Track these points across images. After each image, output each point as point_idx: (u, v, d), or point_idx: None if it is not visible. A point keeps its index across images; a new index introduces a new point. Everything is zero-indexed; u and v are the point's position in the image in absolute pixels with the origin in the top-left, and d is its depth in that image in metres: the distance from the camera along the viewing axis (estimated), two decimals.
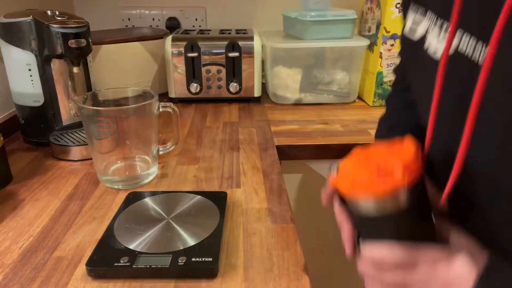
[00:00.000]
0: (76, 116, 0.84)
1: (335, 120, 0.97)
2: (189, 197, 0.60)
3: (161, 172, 0.71)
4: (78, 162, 0.76)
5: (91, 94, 0.69)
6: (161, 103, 0.67)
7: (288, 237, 0.54)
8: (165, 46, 1.04)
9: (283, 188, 0.66)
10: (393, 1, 1.00)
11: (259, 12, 1.33)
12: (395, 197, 0.36)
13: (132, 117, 0.64)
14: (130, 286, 0.45)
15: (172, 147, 0.72)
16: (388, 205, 0.36)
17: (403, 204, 0.36)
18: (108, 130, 0.63)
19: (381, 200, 0.36)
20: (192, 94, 1.07)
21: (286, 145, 0.84)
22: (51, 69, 0.78)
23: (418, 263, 0.37)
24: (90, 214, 0.59)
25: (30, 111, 0.81)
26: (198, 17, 1.32)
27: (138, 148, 0.67)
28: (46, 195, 0.65)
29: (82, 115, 0.64)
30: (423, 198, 0.38)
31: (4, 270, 0.48)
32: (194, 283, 0.46)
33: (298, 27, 1.07)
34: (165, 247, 0.49)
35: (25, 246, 0.52)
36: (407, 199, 0.36)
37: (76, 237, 0.54)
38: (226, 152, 0.79)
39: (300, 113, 1.02)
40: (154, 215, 0.56)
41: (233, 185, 0.67)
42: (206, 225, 0.53)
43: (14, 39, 0.76)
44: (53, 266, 0.49)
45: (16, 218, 0.58)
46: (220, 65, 1.05)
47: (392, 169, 0.36)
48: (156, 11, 1.30)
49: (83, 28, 0.77)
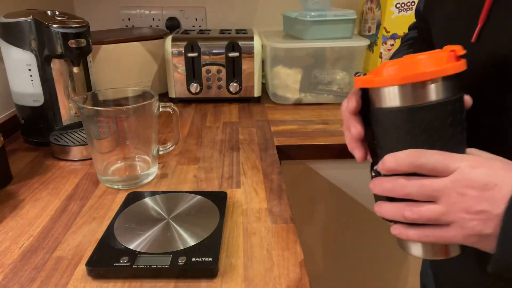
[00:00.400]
0: (76, 116, 0.84)
1: (335, 120, 0.97)
2: (189, 197, 0.60)
3: (161, 172, 0.71)
4: (78, 162, 0.76)
5: (91, 94, 0.69)
6: (161, 103, 0.67)
7: (288, 237, 0.54)
8: (165, 46, 1.03)
9: (283, 188, 0.66)
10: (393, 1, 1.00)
11: (259, 12, 1.33)
12: (424, 85, 0.34)
13: (132, 117, 0.64)
14: (130, 286, 0.45)
15: (172, 147, 0.72)
16: (417, 94, 0.34)
17: (433, 97, 0.34)
18: (108, 130, 0.63)
19: (409, 86, 0.34)
20: (192, 94, 1.07)
21: (286, 145, 0.84)
22: (51, 69, 0.78)
23: (451, 168, 0.32)
24: (90, 214, 0.59)
25: (30, 111, 0.81)
26: (198, 17, 1.32)
27: (138, 148, 0.67)
28: (46, 195, 0.65)
29: (82, 115, 0.64)
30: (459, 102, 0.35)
31: (4, 270, 0.48)
32: (194, 283, 0.46)
33: (298, 27, 1.07)
34: (165, 247, 0.49)
35: (25, 246, 0.52)
36: (437, 91, 0.34)
37: (76, 237, 0.54)
38: (226, 152, 0.79)
39: (300, 113, 1.02)
40: (154, 215, 0.56)
41: (233, 185, 0.67)
42: (206, 225, 0.53)
43: (14, 39, 0.76)
44: (53, 266, 0.49)
45: (16, 218, 0.58)
46: (220, 65, 1.05)
47: (422, 62, 0.34)
48: (156, 11, 1.30)
49: (83, 28, 0.77)
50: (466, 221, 0.32)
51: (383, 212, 0.37)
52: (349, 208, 0.93)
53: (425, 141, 0.35)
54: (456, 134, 0.35)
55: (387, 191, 0.36)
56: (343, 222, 0.95)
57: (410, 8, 1.02)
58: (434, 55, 0.34)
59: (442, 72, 0.33)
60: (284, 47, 1.05)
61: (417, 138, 0.35)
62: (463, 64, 0.35)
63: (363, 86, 0.38)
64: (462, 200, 0.31)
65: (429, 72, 0.33)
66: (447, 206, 0.32)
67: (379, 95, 0.36)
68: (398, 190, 0.35)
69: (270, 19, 1.32)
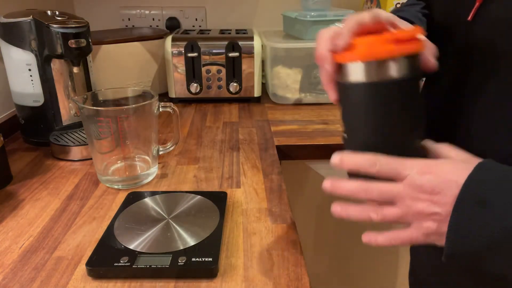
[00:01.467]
0: (76, 116, 0.84)
1: (335, 120, 0.97)
2: (189, 197, 0.60)
3: (161, 172, 0.71)
4: (78, 162, 0.76)
5: (91, 94, 0.69)
6: (161, 103, 0.67)
7: (288, 237, 0.54)
8: (165, 46, 1.03)
9: (283, 188, 0.66)
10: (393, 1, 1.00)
11: (259, 12, 1.33)
12: (385, 62, 0.36)
13: (132, 117, 0.64)
14: (130, 286, 0.45)
15: (172, 147, 0.72)
16: (378, 70, 0.36)
17: (393, 74, 0.36)
18: (108, 130, 0.63)
19: (371, 63, 0.36)
20: (192, 94, 1.07)
21: (286, 145, 0.84)
22: (51, 69, 0.78)
23: (403, 174, 0.36)
24: (90, 214, 0.59)
25: (30, 111, 0.81)
26: (198, 17, 1.32)
27: (138, 148, 0.67)
28: (46, 195, 0.65)
29: (82, 115, 0.64)
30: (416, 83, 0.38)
31: (4, 270, 0.48)
32: (194, 283, 0.46)
33: (298, 27, 1.07)
34: (165, 247, 0.49)
35: (25, 246, 0.52)
36: (398, 69, 0.36)
37: (76, 237, 0.54)
38: (226, 152, 0.79)
39: (300, 113, 1.02)
40: (154, 215, 0.56)
41: (233, 185, 0.67)
42: (206, 225, 0.53)
43: (14, 39, 0.76)
44: (53, 266, 0.49)
45: (16, 218, 0.58)
46: (220, 65, 1.05)
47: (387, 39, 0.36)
48: (156, 11, 1.30)
49: (83, 28, 0.77)
50: (422, 221, 0.36)
51: (350, 213, 0.40)
52: None
53: (380, 117, 0.38)
54: (409, 113, 0.38)
55: (351, 194, 0.39)
56: (343, 222, 0.95)
57: None
58: (392, 36, 0.36)
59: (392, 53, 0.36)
60: (284, 47, 1.05)
61: (370, 114, 0.38)
62: (418, 46, 0.37)
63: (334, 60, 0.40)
64: (416, 204, 0.35)
65: (384, 52, 0.36)
66: (404, 208, 0.36)
67: (341, 69, 0.39)
68: (361, 194, 0.38)
69: (270, 19, 1.32)
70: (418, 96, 0.39)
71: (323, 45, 0.40)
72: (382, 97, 0.37)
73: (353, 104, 0.39)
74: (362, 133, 0.40)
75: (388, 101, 0.37)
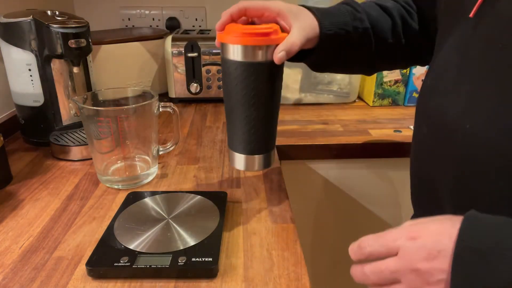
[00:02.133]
0: (76, 116, 0.84)
1: (335, 120, 0.97)
2: (189, 197, 0.60)
3: (161, 172, 0.71)
4: (78, 162, 0.76)
5: (91, 94, 0.69)
6: (161, 103, 0.67)
7: (288, 237, 0.54)
8: (165, 46, 1.03)
9: (283, 188, 0.66)
10: None
11: None
12: (263, 48, 0.48)
13: (132, 117, 0.64)
14: (130, 286, 0.45)
15: (172, 147, 0.72)
16: (257, 53, 0.48)
17: (262, 58, 0.49)
18: (108, 130, 0.63)
19: (253, 47, 0.48)
20: (192, 94, 1.07)
21: (286, 145, 0.84)
22: (51, 69, 0.78)
23: (393, 247, 0.36)
24: (90, 214, 0.59)
25: (30, 111, 0.81)
26: (198, 17, 1.32)
27: (138, 148, 0.67)
28: (46, 195, 0.65)
29: (82, 115, 0.64)
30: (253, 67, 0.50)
31: (4, 270, 0.48)
32: (194, 283, 0.46)
33: None
34: (165, 247, 0.49)
35: (25, 246, 0.52)
36: (239, 54, 0.49)
37: (76, 237, 0.54)
38: (226, 152, 0.79)
39: (300, 113, 1.02)
40: (154, 215, 0.56)
41: (233, 185, 0.67)
42: (206, 225, 0.53)
43: (14, 39, 0.76)
44: (53, 266, 0.49)
45: (16, 218, 0.58)
46: (220, 65, 1.05)
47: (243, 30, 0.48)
48: (156, 11, 1.30)
49: (83, 28, 0.77)
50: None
51: None
52: (349, 208, 0.93)
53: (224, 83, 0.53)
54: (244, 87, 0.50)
55: (361, 281, 0.39)
56: (343, 222, 0.95)
57: None
58: (245, 28, 0.48)
59: (242, 42, 0.48)
60: None
61: (231, 83, 0.51)
62: (259, 41, 0.48)
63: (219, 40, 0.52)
64: (419, 276, 0.34)
65: (236, 39, 0.48)
66: (410, 284, 0.35)
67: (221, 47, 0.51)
68: (367, 281, 0.38)
69: None
70: (260, 77, 0.50)
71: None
72: (226, 71, 0.51)
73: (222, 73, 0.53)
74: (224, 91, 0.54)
75: (228, 75, 0.51)
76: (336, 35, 0.55)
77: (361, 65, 0.62)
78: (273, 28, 0.49)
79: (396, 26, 0.58)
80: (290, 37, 0.50)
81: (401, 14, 0.60)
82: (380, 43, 0.59)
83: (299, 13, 0.53)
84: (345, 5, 0.58)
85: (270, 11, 0.52)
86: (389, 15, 0.59)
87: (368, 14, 0.58)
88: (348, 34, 0.56)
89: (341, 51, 0.57)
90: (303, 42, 0.52)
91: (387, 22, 0.59)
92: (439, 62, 0.49)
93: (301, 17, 0.53)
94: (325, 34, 0.54)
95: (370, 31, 0.57)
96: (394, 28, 0.58)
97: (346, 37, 0.56)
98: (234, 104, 0.52)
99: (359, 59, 0.60)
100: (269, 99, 0.52)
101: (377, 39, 0.58)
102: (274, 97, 0.53)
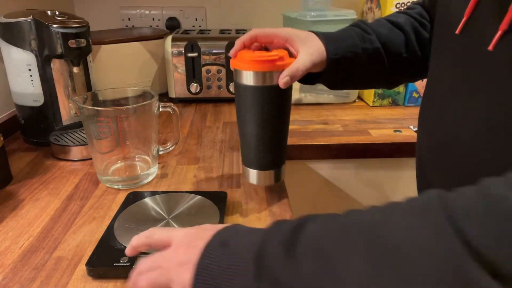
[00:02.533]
0: (76, 116, 0.84)
1: (335, 120, 0.97)
2: (189, 197, 0.60)
3: (161, 172, 0.71)
4: (78, 162, 0.76)
5: (91, 94, 0.69)
6: (161, 103, 0.67)
7: None
8: (165, 46, 1.03)
9: (283, 188, 0.66)
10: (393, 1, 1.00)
11: (259, 12, 1.33)
12: (269, 74, 0.53)
13: (132, 117, 0.64)
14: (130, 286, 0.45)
15: (172, 147, 0.72)
16: (264, 78, 0.53)
17: (269, 82, 0.53)
18: (108, 130, 0.63)
19: (260, 72, 0.53)
20: (192, 94, 1.07)
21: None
22: (51, 69, 0.78)
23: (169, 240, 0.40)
24: (90, 214, 0.59)
25: (30, 111, 0.81)
26: (198, 17, 1.32)
27: (138, 148, 0.67)
28: (46, 195, 0.65)
29: (82, 115, 0.64)
30: (262, 91, 0.54)
31: (4, 270, 0.48)
32: None
33: (298, 27, 1.07)
34: None
35: (25, 246, 0.52)
36: (249, 79, 0.53)
37: (76, 237, 0.54)
38: (226, 152, 0.79)
39: (300, 113, 1.02)
40: (154, 215, 0.56)
41: (233, 185, 0.67)
42: None
43: (14, 39, 0.76)
44: (53, 266, 0.49)
45: (16, 218, 0.58)
46: (220, 65, 1.05)
47: (253, 57, 0.53)
48: (156, 11, 1.30)
49: (83, 28, 0.77)
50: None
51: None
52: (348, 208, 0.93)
53: (237, 106, 0.57)
54: (254, 109, 0.55)
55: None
56: None
57: None
58: (255, 55, 0.53)
59: (251, 68, 0.53)
60: None
61: (243, 104, 0.56)
62: (265, 67, 0.52)
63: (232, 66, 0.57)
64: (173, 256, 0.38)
65: (246, 66, 0.53)
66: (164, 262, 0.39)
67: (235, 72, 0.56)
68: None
69: (270, 19, 1.32)
70: (268, 99, 0.54)
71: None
72: (238, 94, 0.56)
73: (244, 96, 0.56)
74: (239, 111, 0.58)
75: (240, 97, 0.56)
76: (344, 58, 0.56)
77: (378, 82, 0.64)
78: (279, 55, 0.53)
79: (410, 40, 0.59)
80: (295, 63, 0.53)
81: (414, 27, 0.60)
82: (395, 59, 0.59)
83: (306, 39, 0.56)
84: (355, 27, 0.60)
85: (279, 38, 0.56)
86: (401, 30, 0.59)
87: (379, 34, 0.58)
88: (357, 56, 0.57)
89: (352, 72, 0.59)
90: (309, 67, 0.54)
91: (399, 37, 0.59)
92: (431, 77, 0.50)
93: (308, 43, 0.55)
94: (331, 59, 0.56)
95: (381, 50, 0.58)
96: (408, 43, 0.59)
97: (355, 59, 0.57)
98: (246, 124, 0.57)
99: (375, 77, 0.62)
100: (277, 119, 0.56)
101: (390, 56, 0.59)
102: (282, 117, 0.57)
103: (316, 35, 0.57)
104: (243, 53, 0.55)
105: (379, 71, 0.60)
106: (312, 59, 0.54)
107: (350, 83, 0.61)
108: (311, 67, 0.54)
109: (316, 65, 0.55)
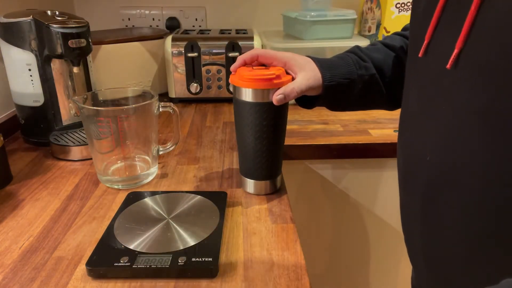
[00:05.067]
0: (76, 116, 0.84)
1: (335, 120, 0.97)
2: (189, 197, 0.60)
3: (161, 172, 0.71)
4: (78, 162, 0.76)
5: (91, 94, 0.69)
6: (161, 103, 0.67)
7: (288, 237, 0.54)
8: (165, 46, 1.04)
9: (283, 188, 0.66)
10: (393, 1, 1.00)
11: (259, 12, 1.33)
12: (266, 91, 0.56)
13: (132, 117, 0.64)
14: (130, 286, 0.46)
15: (172, 147, 0.72)
16: (261, 95, 0.56)
17: (265, 99, 0.56)
18: (108, 130, 0.63)
19: (257, 90, 0.56)
20: (192, 94, 1.07)
21: (286, 145, 0.84)
22: (51, 69, 0.78)
23: None
24: (90, 214, 0.59)
25: (30, 111, 0.81)
26: (198, 17, 1.32)
27: (138, 148, 0.67)
28: (46, 195, 0.65)
29: (82, 115, 0.64)
30: (258, 106, 0.58)
31: (4, 270, 0.48)
32: (194, 283, 0.46)
33: (298, 27, 1.07)
34: (165, 247, 0.49)
35: (25, 246, 0.52)
36: (247, 95, 0.57)
37: (76, 237, 0.54)
38: (226, 152, 0.79)
39: (300, 113, 1.02)
40: (154, 215, 0.56)
41: (233, 185, 0.67)
42: (206, 225, 0.53)
43: (14, 39, 0.76)
44: (53, 266, 0.49)
45: (16, 218, 0.58)
46: (220, 65, 1.05)
47: (251, 75, 0.56)
48: (156, 11, 1.30)
49: (83, 28, 0.77)
50: None
51: None
52: (349, 208, 0.93)
53: (236, 121, 0.61)
54: (250, 124, 0.58)
55: None
56: (343, 222, 0.95)
57: (410, 8, 1.01)
58: (253, 72, 0.57)
59: (247, 86, 0.57)
60: (284, 47, 1.05)
61: (235, 117, 0.61)
62: (261, 85, 0.56)
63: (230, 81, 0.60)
64: None
65: (244, 83, 0.57)
66: None
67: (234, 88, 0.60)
68: None
69: (270, 19, 1.32)
70: (265, 115, 0.58)
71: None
72: (236, 109, 0.60)
73: (244, 112, 0.59)
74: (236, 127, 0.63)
75: (238, 111, 0.60)
76: (339, 85, 0.58)
77: (378, 105, 0.65)
78: (276, 73, 0.56)
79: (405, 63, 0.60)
80: (291, 83, 0.56)
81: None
82: (393, 81, 0.60)
83: (304, 64, 0.58)
84: (351, 54, 0.61)
85: (278, 61, 0.59)
86: (396, 52, 0.61)
87: (374, 59, 0.60)
88: (354, 82, 0.59)
89: (349, 97, 0.60)
90: (304, 90, 0.56)
91: (395, 60, 0.60)
92: (403, 100, 0.50)
93: (306, 68, 0.58)
94: (327, 85, 0.58)
95: (377, 76, 0.60)
96: (404, 65, 0.59)
97: (351, 85, 0.59)
98: (243, 137, 0.60)
99: (374, 101, 0.63)
100: (273, 134, 0.59)
101: (388, 80, 0.60)
102: (278, 131, 0.60)
103: (314, 61, 0.59)
104: (243, 69, 0.58)
105: (378, 95, 0.62)
106: (308, 84, 0.57)
107: (348, 106, 0.63)
108: (306, 90, 0.57)
109: (313, 89, 0.57)
